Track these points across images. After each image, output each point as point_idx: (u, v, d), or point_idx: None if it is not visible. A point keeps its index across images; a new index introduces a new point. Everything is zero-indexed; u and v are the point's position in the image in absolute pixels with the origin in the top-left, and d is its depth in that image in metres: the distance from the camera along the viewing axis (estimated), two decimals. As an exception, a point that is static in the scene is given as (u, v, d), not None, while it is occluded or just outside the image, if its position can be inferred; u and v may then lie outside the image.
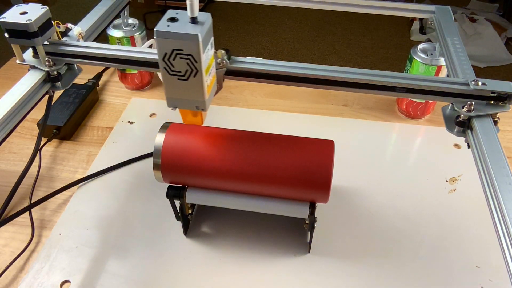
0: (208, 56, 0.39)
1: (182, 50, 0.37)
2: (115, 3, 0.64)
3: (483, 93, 0.45)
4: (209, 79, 0.41)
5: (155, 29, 0.36)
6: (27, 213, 0.56)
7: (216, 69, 0.46)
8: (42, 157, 0.65)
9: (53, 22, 0.51)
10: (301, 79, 0.47)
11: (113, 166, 0.63)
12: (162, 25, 0.36)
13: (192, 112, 0.44)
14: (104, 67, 0.82)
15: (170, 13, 0.38)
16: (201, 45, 0.36)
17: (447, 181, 0.62)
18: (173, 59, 0.38)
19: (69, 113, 0.69)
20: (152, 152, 0.47)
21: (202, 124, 0.45)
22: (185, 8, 0.36)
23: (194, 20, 0.37)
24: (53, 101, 0.69)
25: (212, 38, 0.40)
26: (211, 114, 0.73)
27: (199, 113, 0.44)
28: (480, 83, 0.45)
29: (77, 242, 0.53)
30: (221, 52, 0.46)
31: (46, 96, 0.52)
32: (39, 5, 0.49)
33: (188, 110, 0.43)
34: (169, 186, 0.50)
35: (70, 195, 0.59)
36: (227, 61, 0.46)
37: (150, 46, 0.68)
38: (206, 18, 0.38)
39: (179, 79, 0.39)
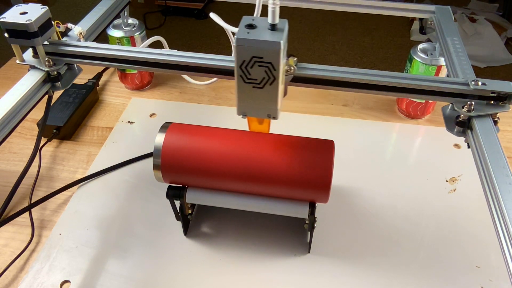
0: (283, 63, 0.39)
1: (261, 57, 0.36)
2: (115, 3, 0.64)
3: (483, 93, 0.45)
4: (282, 86, 0.40)
5: (235, 37, 0.36)
6: (27, 213, 0.56)
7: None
8: (42, 157, 0.65)
9: (53, 22, 0.51)
10: (302, 79, 0.47)
11: (113, 166, 0.63)
12: (242, 32, 0.36)
13: (258, 119, 0.43)
14: (104, 67, 0.82)
15: (247, 19, 0.37)
16: (282, 53, 0.36)
17: (447, 181, 0.62)
18: (251, 67, 0.37)
19: (69, 113, 0.69)
20: (152, 152, 0.47)
21: (268, 132, 0.45)
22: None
23: (273, 27, 0.36)
24: (53, 101, 0.70)
25: (287, 45, 0.39)
26: (211, 114, 0.73)
27: (265, 121, 0.43)
28: (480, 83, 0.45)
29: (77, 242, 0.53)
30: (293, 59, 0.45)
31: (46, 96, 0.52)
32: (39, 5, 0.49)
33: (255, 118, 0.43)
34: (169, 186, 0.50)
35: (70, 195, 0.59)
36: (295, 68, 0.45)
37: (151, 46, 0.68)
38: (284, 24, 0.37)
39: (254, 87, 0.38)
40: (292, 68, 0.45)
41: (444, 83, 0.46)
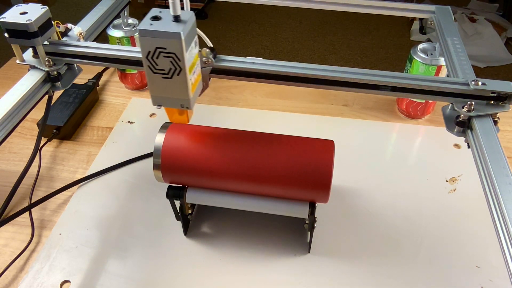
0: (192, 54, 0.39)
1: (165, 48, 0.37)
2: (115, 3, 0.64)
3: (483, 93, 0.45)
4: (193, 77, 0.41)
5: (138, 28, 0.37)
6: (27, 213, 0.56)
7: (202, 67, 0.46)
8: (42, 157, 0.65)
9: (53, 22, 0.51)
10: (301, 79, 0.47)
11: (113, 166, 0.63)
12: (145, 24, 0.37)
13: (178, 110, 0.44)
14: (104, 67, 0.82)
15: (154, 11, 0.38)
16: (184, 43, 0.36)
17: (447, 181, 0.62)
18: (157, 58, 0.38)
19: (69, 113, 0.69)
20: (152, 152, 0.47)
21: (188, 123, 0.45)
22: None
23: (177, 19, 0.37)
24: (53, 101, 0.70)
25: (196, 37, 0.40)
26: (211, 114, 0.73)
27: (185, 111, 0.44)
28: (480, 83, 0.45)
29: (77, 242, 0.53)
30: (206, 50, 0.46)
31: (46, 96, 0.52)
32: (39, 5, 0.49)
33: (174, 109, 0.43)
34: (169, 186, 0.50)
35: (70, 195, 0.59)
36: (213, 59, 0.46)
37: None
38: (189, 16, 0.38)
39: (163, 77, 0.39)
40: (210, 59, 0.46)
41: (444, 83, 0.46)
